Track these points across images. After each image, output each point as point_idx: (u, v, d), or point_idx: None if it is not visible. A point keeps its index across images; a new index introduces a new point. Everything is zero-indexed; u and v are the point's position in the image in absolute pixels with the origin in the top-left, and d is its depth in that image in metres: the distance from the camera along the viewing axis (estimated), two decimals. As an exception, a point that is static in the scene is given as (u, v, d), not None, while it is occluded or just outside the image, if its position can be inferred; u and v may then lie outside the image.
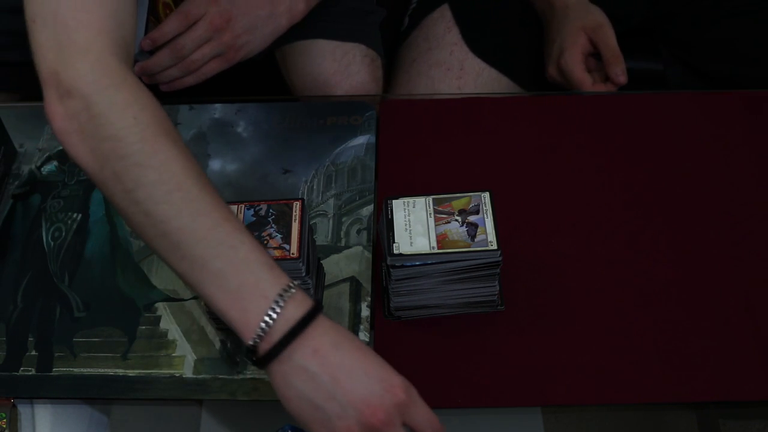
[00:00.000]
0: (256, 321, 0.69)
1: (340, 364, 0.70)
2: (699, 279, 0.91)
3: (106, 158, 0.72)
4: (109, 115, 0.72)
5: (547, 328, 0.87)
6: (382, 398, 0.70)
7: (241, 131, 1.07)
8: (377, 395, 0.70)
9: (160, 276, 0.93)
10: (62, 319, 0.90)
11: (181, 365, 0.86)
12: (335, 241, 0.95)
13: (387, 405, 0.70)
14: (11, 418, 0.83)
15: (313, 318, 0.71)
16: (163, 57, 1.00)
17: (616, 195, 0.98)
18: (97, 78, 0.72)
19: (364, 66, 1.18)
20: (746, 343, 0.86)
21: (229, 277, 0.70)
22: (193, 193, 0.71)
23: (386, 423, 0.70)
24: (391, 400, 0.70)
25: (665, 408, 0.85)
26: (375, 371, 0.71)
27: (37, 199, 1.01)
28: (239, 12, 1.01)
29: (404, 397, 0.71)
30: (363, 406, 0.69)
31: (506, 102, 1.11)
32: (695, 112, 1.06)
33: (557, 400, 0.84)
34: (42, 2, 0.74)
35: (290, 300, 0.70)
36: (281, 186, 1.01)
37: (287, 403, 0.71)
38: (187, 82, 1.04)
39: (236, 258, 0.70)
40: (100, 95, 0.72)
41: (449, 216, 0.84)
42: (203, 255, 0.70)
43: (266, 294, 0.70)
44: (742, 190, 0.98)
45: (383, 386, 0.70)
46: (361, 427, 0.70)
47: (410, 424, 0.72)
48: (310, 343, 0.70)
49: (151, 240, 0.73)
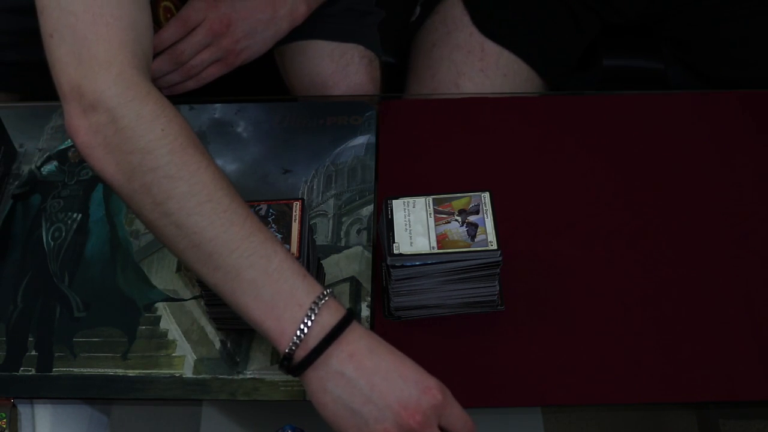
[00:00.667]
0: (291, 329, 0.70)
1: (376, 368, 0.71)
2: (699, 279, 0.91)
3: (134, 171, 0.72)
4: (137, 128, 0.71)
5: (547, 328, 0.87)
6: (419, 400, 0.70)
7: (241, 131, 1.07)
8: (414, 397, 0.70)
9: (160, 276, 0.93)
10: (62, 319, 0.90)
11: (181, 365, 0.86)
12: (335, 241, 0.95)
13: (424, 407, 0.70)
14: (11, 418, 0.83)
15: (347, 324, 0.71)
16: (162, 63, 1.00)
17: (616, 195, 0.98)
18: (121, 91, 0.72)
19: (362, 67, 1.18)
20: (746, 343, 0.86)
21: (263, 286, 0.71)
22: (225, 204, 0.72)
23: (423, 425, 0.70)
24: (428, 402, 0.71)
25: (665, 408, 0.85)
26: (410, 374, 0.71)
27: (37, 199, 1.01)
28: (239, 17, 1.01)
29: (441, 398, 0.71)
30: (400, 408, 0.70)
31: (506, 102, 1.11)
32: (695, 112, 1.06)
33: (557, 400, 0.84)
34: (59, 17, 0.74)
35: (324, 307, 0.71)
36: (281, 186, 1.01)
37: (323, 409, 0.72)
38: (188, 86, 1.03)
39: (269, 267, 0.71)
40: (126, 108, 0.72)
41: (449, 216, 0.84)
42: (236, 265, 0.71)
43: (301, 302, 0.70)
44: (742, 190, 0.98)
45: (420, 388, 0.71)
46: (399, 429, 0.70)
47: (445, 425, 0.72)
48: (346, 348, 0.71)
49: (183, 252, 0.73)
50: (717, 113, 1.06)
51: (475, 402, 0.83)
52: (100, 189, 1.02)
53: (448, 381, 0.83)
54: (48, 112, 1.10)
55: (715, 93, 1.11)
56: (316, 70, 1.17)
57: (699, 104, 1.08)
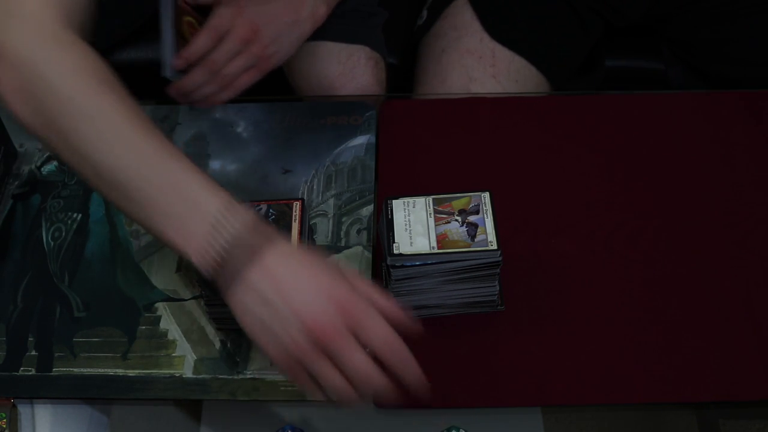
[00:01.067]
0: (202, 244, 0.71)
1: (285, 276, 0.69)
2: (699, 279, 0.91)
3: (49, 116, 0.75)
4: (50, 74, 0.75)
5: (547, 328, 0.87)
6: (326, 309, 0.68)
7: (241, 131, 1.07)
8: (321, 305, 0.68)
9: (160, 276, 0.93)
10: (62, 319, 0.90)
11: (181, 365, 0.86)
12: (335, 241, 0.95)
13: (331, 316, 0.68)
14: (11, 418, 0.83)
15: (257, 229, 0.71)
16: (197, 75, 0.98)
17: (616, 195, 0.98)
18: (38, 41, 0.76)
19: (368, 68, 1.18)
20: (746, 343, 0.86)
21: (171, 210, 0.73)
22: (137, 141, 0.74)
23: (332, 337, 0.68)
24: (336, 311, 0.68)
25: (665, 408, 0.85)
26: (323, 282, 0.69)
27: (37, 199, 1.01)
28: (265, 22, 1.00)
29: (353, 310, 0.68)
30: (306, 315, 0.68)
31: (506, 102, 1.11)
32: (695, 112, 1.06)
33: (557, 400, 0.84)
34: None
35: (232, 216, 0.71)
36: (281, 186, 1.01)
37: (245, 325, 0.71)
38: (223, 97, 1.01)
39: (179, 191, 0.73)
40: (41, 55, 0.75)
41: (449, 216, 0.84)
42: (150, 196, 0.73)
43: (208, 217, 0.72)
44: (743, 190, 0.98)
45: (329, 297, 0.68)
46: (306, 340, 0.68)
47: (365, 342, 0.69)
48: (258, 259, 0.70)
49: (104, 192, 0.76)
50: (717, 113, 1.06)
51: (475, 402, 0.83)
52: (100, 189, 1.02)
53: (448, 381, 0.84)
54: (48, 112, 1.10)
55: (716, 93, 1.11)
56: (324, 73, 1.17)
57: (699, 104, 1.08)
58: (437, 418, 0.82)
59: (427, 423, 0.81)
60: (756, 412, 0.84)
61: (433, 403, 0.82)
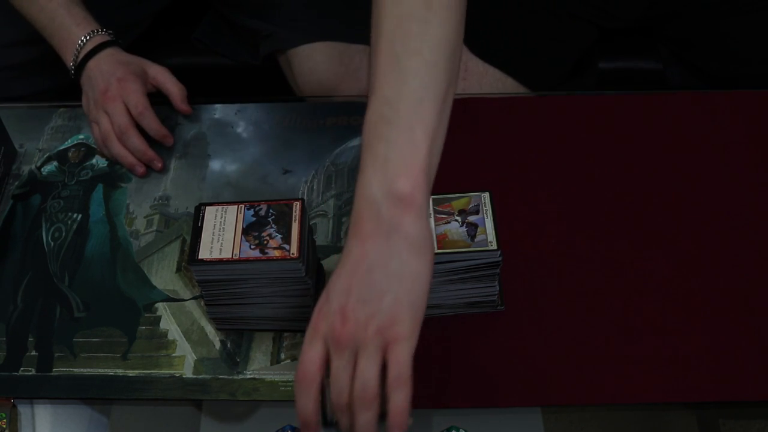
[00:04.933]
0: None
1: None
2: (699, 279, 0.91)
3: None
4: None
5: (547, 328, 0.87)
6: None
7: (241, 131, 1.07)
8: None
9: (160, 276, 0.93)
10: (62, 319, 0.91)
11: (181, 365, 0.86)
12: (335, 242, 0.95)
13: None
14: (11, 418, 0.83)
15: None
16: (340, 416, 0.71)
17: (615, 195, 0.98)
18: None
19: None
20: (746, 343, 0.86)
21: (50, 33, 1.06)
22: None
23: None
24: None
25: (665, 408, 0.85)
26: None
27: (37, 200, 1.01)
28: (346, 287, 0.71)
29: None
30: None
31: (506, 102, 1.11)
32: (695, 112, 1.06)
33: (557, 400, 0.84)
34: None
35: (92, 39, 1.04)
36: (281, 186, 1.01)
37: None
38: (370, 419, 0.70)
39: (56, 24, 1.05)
40: None
41: (449, 216, 0.84)
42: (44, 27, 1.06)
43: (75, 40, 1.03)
44: (742, 190, 0.98)
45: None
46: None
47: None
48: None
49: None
50: (717, 113, 1.06)
51: (475, 402, 0.83)
52: (100, 189, 1.02)
53: (449, 381, 0.84)
54: (48, 112, 1.10)
55: (715, 93, 1.11)
56: (326, 76, 1.17)
57: (699, 104, 1.08)
58: (437, 418, 0.82)
59: (427, 423, 0.82)
60: (756, 412, 0.84)
61: (433, 403, 0.82)
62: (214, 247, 0.81)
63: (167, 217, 0.99)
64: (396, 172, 0.68)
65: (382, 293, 0.67)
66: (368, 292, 0.67)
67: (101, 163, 1.05)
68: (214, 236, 0.81)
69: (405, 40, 0.70)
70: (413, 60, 0.69)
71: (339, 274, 0.69)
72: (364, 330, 0.66)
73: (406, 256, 0.67)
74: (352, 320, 0.66)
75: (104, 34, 1.05)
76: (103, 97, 1.01)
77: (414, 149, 0.68)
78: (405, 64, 0.69)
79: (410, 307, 0.67)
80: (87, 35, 1.04)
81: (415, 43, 0.70)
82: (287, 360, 0.86)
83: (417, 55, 0.70)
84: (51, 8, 1.05)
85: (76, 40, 1.03)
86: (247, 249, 0.80)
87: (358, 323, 0.66)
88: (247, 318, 0.86)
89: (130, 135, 1.01)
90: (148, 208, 1.00)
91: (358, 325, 0.66)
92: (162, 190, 1.02)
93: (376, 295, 0.67)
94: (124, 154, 1.02)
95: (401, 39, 0.70)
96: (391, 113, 0.69)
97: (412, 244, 0.67)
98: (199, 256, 0.80)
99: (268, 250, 0.80)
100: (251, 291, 0.83)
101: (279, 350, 0.86)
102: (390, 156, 0.68)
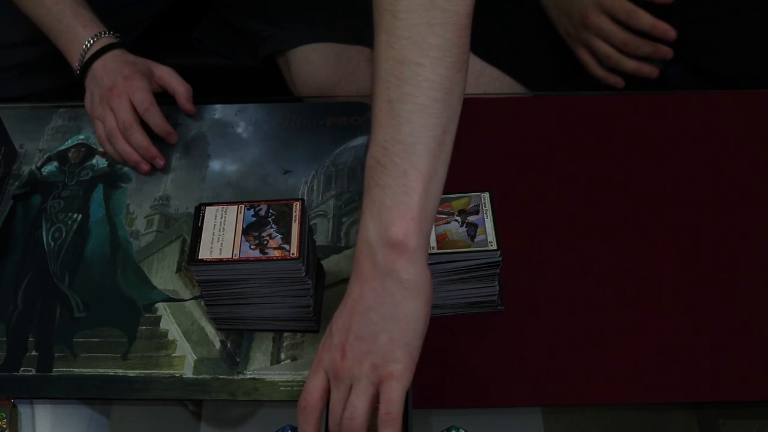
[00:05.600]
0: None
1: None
2: (699, 279, 0.91)
3: None
4: None
5: (547, 328, 0.87)
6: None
7: (241, 132, 1.07)
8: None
9: (160, 276, 0.93)
10: (62, 319, 0.91)
11: (181, 365, 0.86)
12: (335, 242, 0.95)
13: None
14: (11, 418, 0.83)
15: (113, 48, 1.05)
16: None
17: (616, 195, 0.98)
18: None
19: (368, 69, 1.17)
20: (746, 343, 0.86)
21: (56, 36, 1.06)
22: None
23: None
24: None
25: (665, 408, 0.85)
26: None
27: (37, 200, 1.01)
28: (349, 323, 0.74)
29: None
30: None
31: (506, 102, 1.11)
32: (695, 112, 1.06)
33: (557, 400, 0.84)
34: None
35: (98, 41, 1.04)
36: (281, 186, 1.01)
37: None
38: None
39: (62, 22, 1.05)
40: None
41: (449, 216, 0.84)
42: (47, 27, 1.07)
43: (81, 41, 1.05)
44: (742, 190, 0.98)
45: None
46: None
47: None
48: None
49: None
50: (717, 113, 1.06)
51: (475, 402, 0.83)
52: (100, 189, 1.02)
53: (449, 381, 0.84)
54: (48, 112, 1.10)
55: (715, 93, 1.11)
56: (324, 76, 1.17)
57: (699, 104, 1.08)
58: (437, 418, 0.82)
59: (427, 423, 0.82)
60: (756, 412, 0.84)
61: (432, 403, 0.82)
62: (214, 247, 0.81)
63: (167, 217, 0.99)
64: (389, 220, 0.70)
65: (378, 332, 0.71)
66: (365, 330, 0.71)
67: (101, 164, 1.05)
68: (214, 236, 0.81)
69: (398, 84, 0.71)
70: (406, 105, 0.71)
71: (341, 311, 0.73)
72: (360, 365, 0.71)
73: (400, 298, 0.71)
74: (349, 356, 0.71)
75: (111, 36, 1.05)
76: (109, 94, 1.01)
77: (407, 196, 0.71)
78: (398, 110, 0.71)
79: (404, 346, 0.71)
80: (93, 37, 1.04)
81: (408, 88, 0.71)
82: (287, 360, 0.86)
83: (410, 100, 0.71)
84: (58, 10, 1.05)
85: (83, 41, 1.04)
86: (247, 249, 0.80)
87: (355, 359, 0.71)
88: (247, 318, 0.86)
89: (134, 131, 1.02)
90: (149, 209, 1.00)
91: (354, 360, 0.71)
92: (162, 190, 1.02)
93: (372, 334, 0.71)
94: (128, 152, 1.02)
95: (395, 84, 0.71)
96: (385, 159, 0.71)
97: (406, 288, 0.71)
98: (199, 256, 0.80)
99: (268, 250, 0.80)
100: (251, 291, 0.83)
101: (279, 350, 0.86)
102: (385, 202, 0.71)
